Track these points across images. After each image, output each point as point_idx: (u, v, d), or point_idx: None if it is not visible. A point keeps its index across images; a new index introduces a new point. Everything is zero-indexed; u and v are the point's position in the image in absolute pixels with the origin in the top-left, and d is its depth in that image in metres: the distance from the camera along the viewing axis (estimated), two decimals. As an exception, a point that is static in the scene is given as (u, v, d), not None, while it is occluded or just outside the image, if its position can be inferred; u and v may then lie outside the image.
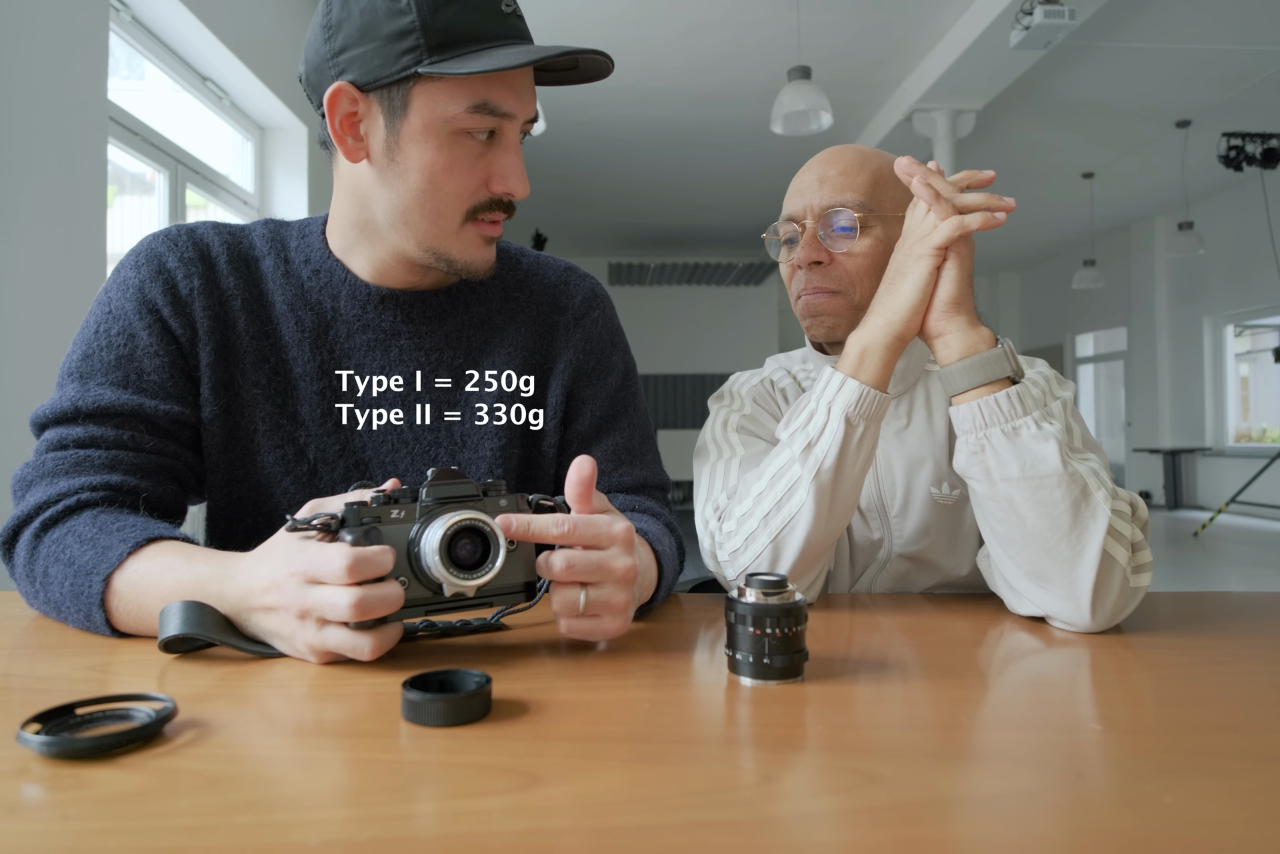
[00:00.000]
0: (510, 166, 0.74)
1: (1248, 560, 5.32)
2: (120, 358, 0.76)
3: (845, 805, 0.36)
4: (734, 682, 0.54)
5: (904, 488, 0.91)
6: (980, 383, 0.71)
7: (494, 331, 0.87)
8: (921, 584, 0.92)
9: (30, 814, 0.35)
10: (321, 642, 0.55)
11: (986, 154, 6.25)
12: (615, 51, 4.57)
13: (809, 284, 0.90)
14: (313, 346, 0.82)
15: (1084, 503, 0.67)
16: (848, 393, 0.74)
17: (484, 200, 0.76)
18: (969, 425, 0.71)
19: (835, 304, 0.90)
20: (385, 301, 0.83)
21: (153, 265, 0.78)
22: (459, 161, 0.73)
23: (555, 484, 0.90)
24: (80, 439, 0.72)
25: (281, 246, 0.84)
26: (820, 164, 0.92)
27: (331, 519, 0.56)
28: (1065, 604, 0.68)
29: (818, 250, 0.89)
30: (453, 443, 0.85)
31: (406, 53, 0.68)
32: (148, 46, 2.88)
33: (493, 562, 0.56)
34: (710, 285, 9.98)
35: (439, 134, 0.72)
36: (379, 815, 0.35)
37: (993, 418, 0.69)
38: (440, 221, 0.75)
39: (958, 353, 0.72)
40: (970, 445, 0.71)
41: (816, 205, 0.89)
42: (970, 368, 0.71)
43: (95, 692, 0.49)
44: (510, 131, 0.75)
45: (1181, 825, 0.35)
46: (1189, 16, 4.21)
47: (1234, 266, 7.48)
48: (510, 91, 0.72)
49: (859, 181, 0.89)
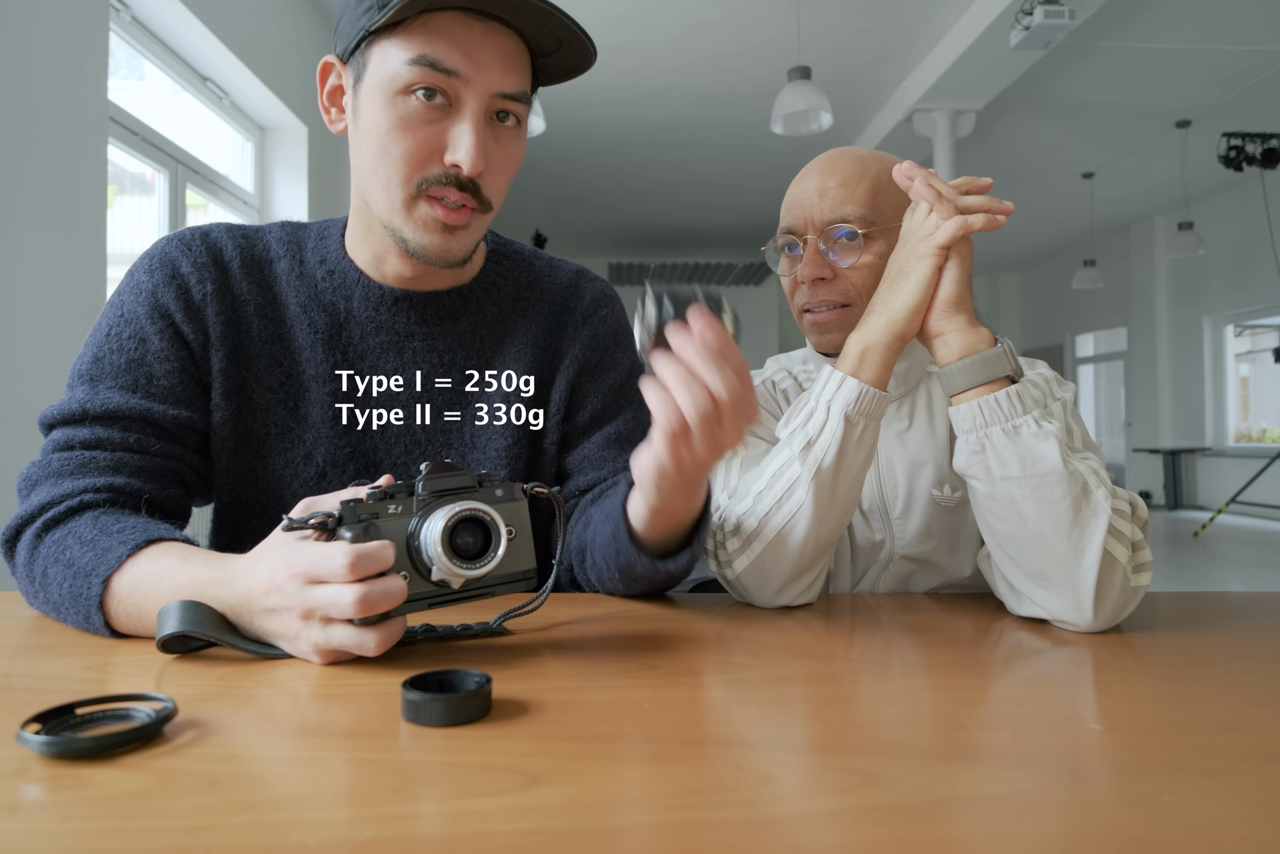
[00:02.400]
0: (461, 135, 0.70)
1: (1248, 560, 5.32)
2: (130, 362, 0.76)
3: (845, 805, 0.36)
4: (733, 682, 0.54)
5: (906, 489, 0.91)
6: (980, 382, 0.70)
7: (506, 331, 0.87)
8: (924, 585, 0.92)
9: (30, 814, 0.35)
10: (327, 640, 0.55)
11: (986, 154, 6.25)
12: (615, 51, 4.58)
13: (814, 298, 0.90)
14: (325, 348, 0.82)
15: (1084, 501, 0.67)
16: (847, 391, 0.74)
17: (435, 173, 0.72)
18: (969, 424, 0.70)
19: (846, 317, 0.90)
20: (399, 303, 0.83)
21: (166, 270, 0.79)
22: (404, 123, 0.70)
23: (566, 473, 0.90)
24: (87, 441, 0.72)
25: (298, 248, 0.85)
26: (819, 173, 0.90)
27: (328, 517, 0.56)
28: (1067, 603, 0.69)
29: (822, 266, 0.88)
30: (463, 444, 0.85)
31: (364, 13, 0.70)
32: (148, 46, 2.89)
33: (494, 551, 0.57)
34: (710, 285, 9.98)
35: (385, 92, 0.70)
36: (379, 815, 0.35)
37: (993, 417, 0.69)
38: (390, 190, 0.73)
39: (957, 352, 0.72)
40: (970, 445, 0.71)
41: (818, 220, 0.88)
42: (970, 367, 0.71)
43: (95, 692, 0.49)
44: (468, 98, 0.70)
45: (1181, 825, 0.35)
46: (1189, 16, 4.21)
47: (1234, 266, 7.48)
48: (457, 49, 0.69)
49: (859, 193, 0.87)
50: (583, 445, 0.90)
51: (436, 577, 0.57)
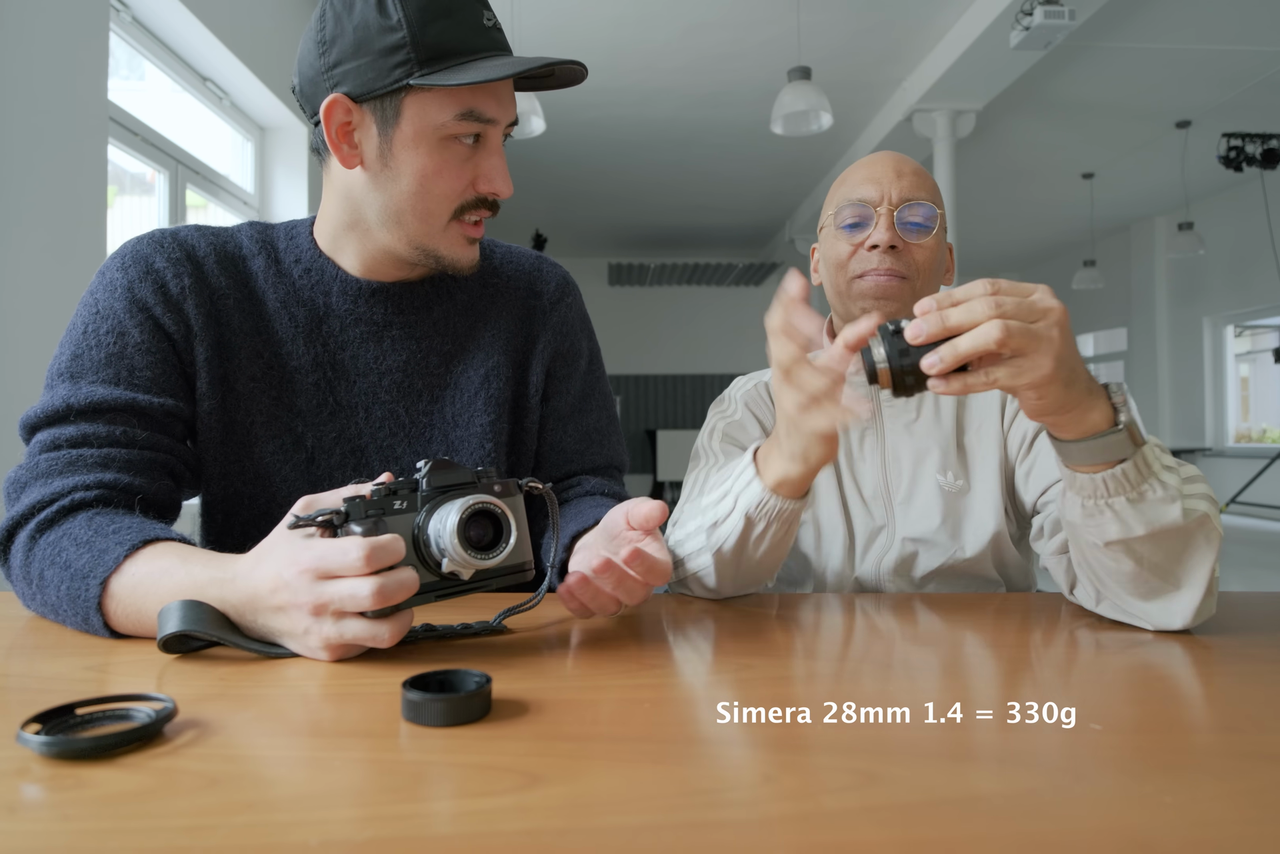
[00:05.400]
0: (495, 169, 0.79)
1: (1247, 560, 5.32)
2: (110, 355, 0.76)
3: (845, 805, 0.36)
4: (733, 682, 0.54)
5: (910, 476, 0.94)
6: (1104, 461, 0.61)
7: (478, 317, 0.92)
8: (927, 566, 0.93)
9: (30, 814, 0.35)
10: (340, 634, 0.55)
11: (986, 154, 6.25)
12: (615, 51, 4.58)
13: (882, 266, 0.91)
14: (306, 341, 0.85)
15: (1200, 531, 0.63)
16: (752, 494, 0.71)
17: (471, 199, 0.80)
18: (1089, 491, 0.62)
19: (904, 289, 0.92)
20: (375, 295, 0.86)
21: (140, 266, 0.79)
22: (448, 165, 0.77)
23: (536, 459, 0.97)
24: (73, 438, 0.72)
25: (271, 248, 0.87)
26: (893, 159, 0.95)
27: (334, 514, 0.56)
28: (1165, 614, 0.66)
29: (896, 236, 0.91)
30: (445, 423, 0.89)
31: (398, 66, 0.73)
32: (148, 46, 2.88)
33: (505, 541, 0.59)
34: (710, 285, 9.98)
35: (429, 140, 0.76)
36: (379, 815, 0.35)
37: (1118, 489, 0.61)
38: (430, 220, 0.79)
39: (1072, 433, 0.61)
40: (1087, 508, 0.63)
41: (895, 195, 0.92)
42: (1086, 450, 0.61)
43: (95, 692, 0.49)
44: (494, 136, 0.79)
45: (1181, 825, 0.35)
46: (1189, 16, 4.21)
47: (1234, 267, 7.48)
48: (493, 99, 0.77)
49: (929, 184, 0.94)
50: (559, 437, 0.96)
51: (448, 568, 0.58)
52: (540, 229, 8.21)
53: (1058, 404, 0.57)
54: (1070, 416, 0.59)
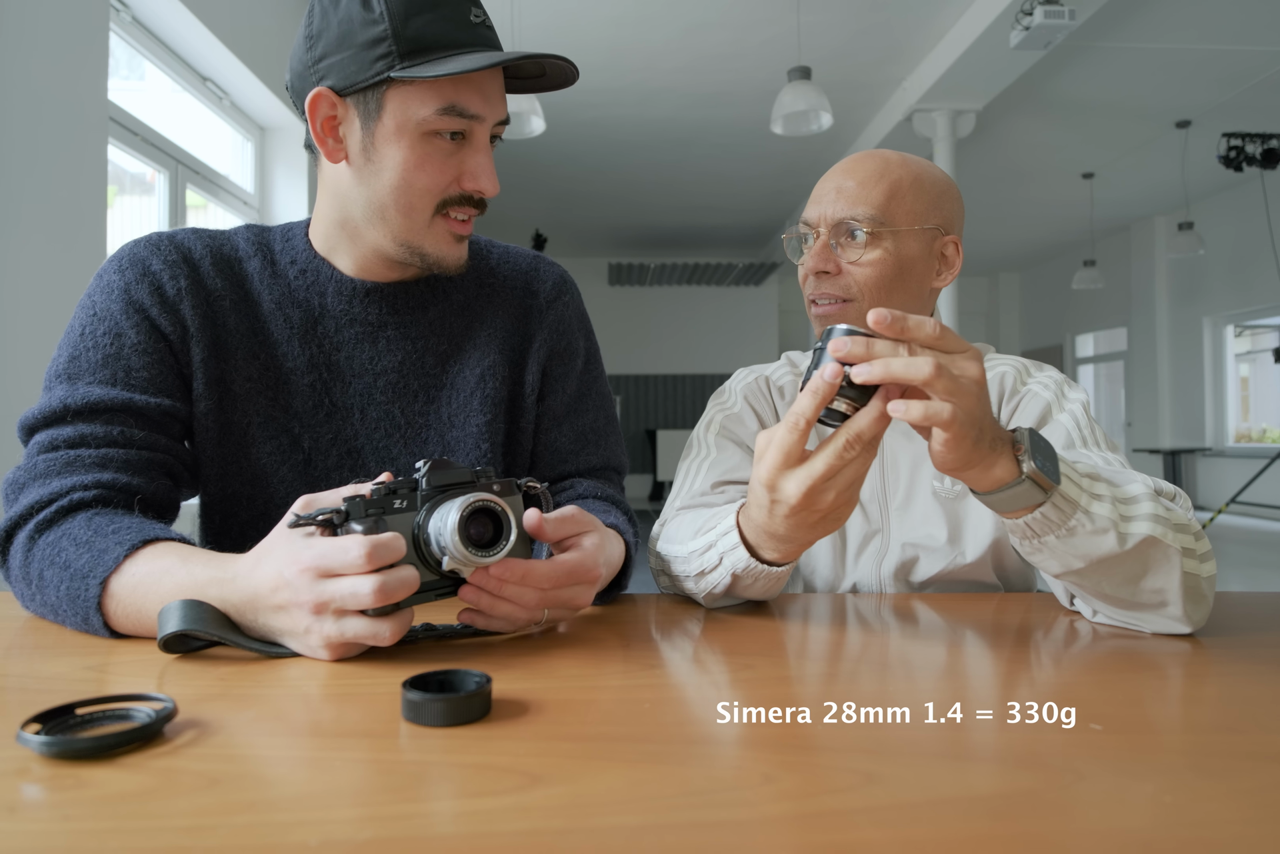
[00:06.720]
0: (480, 166, 0.78)
1: (1247, 560, 5.32)
2: (107, 356, 0.76)
3: (845, 805, 0.36)
4: (733, 682, 0.54)
5: (907, 482, 0.94)
6: (1021, 507, 0.62)
7: (474, 317, 0.92)
8: (927, 571, 0.93)
9: (30, 814, 0.35)
10: (341, 633, 0.55)
11: (986, 154, 6.25)
12: (615, 51, 4.58)
13: (819, 291, 0.92)
14: (302, 342, 0.85)
15: (1153, 550, 0.63)
16: (739, 557, 0.70)
17: (454, 195, 0.79)
18: (1021, 533, 0.64)
19: (848, 311, 0.91)
20: (370, 295, 0.86)
21: (137, 268, 0.80)
22: (430, 159, 0.77)
23: (531, 459, 0.96)
24: (71, 439, 0.72)
25: (267, 249, 0.87)
26: (841, 173, 0.93)
27: (334, 513, 0.57)
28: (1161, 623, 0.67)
29: (826, 260, 0.91)
30: (441, 423, 0.89)
31: (380, 59, 0.73)
32: (148, 46, 2.88)
33: (505, 539, 0.59)
34: (710, 285, 9.98)
35: (411, 134, 0.76)
36: (379, 815, 0.35)
37: (1044, 528, 0.62)
38: (413, 215, 0.79)
39: (982, 486, 0.62)
40: (1024, 548, 0.65)
41: (830, 216, 0.91)
42: (1001, 501, 0.62)
43: (95, 692, 0.49)
44: (480, 133, 0.78)
45: (1181, 825, 0.35)
46: (1189, 16, 4.21)
47: (1234, 267, 7.48)
48: (478, 95, 0.76)
49: (874, 194, 0.89)
50: (554, 436, 0.95)
51: (449, 566, 0.58)
52: (540, 229, 8.21)
53: (963, 460, 0.58)
54: (974, 472, 0.60)
